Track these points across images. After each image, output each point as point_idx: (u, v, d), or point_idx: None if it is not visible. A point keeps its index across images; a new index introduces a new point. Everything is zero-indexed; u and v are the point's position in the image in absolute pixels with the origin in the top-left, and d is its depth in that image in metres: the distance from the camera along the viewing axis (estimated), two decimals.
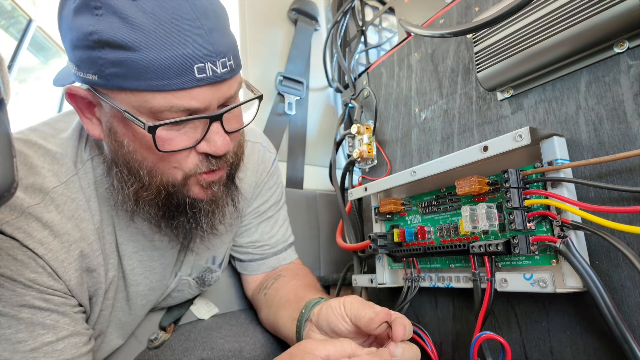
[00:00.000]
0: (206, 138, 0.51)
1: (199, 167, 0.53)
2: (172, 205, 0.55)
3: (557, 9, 0.49)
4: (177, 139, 0.49)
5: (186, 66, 0.45)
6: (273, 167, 0.82)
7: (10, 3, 1.25)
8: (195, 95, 0.47)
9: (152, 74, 0.44)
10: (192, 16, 0.46)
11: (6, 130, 0.31)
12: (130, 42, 0.43)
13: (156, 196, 0.53)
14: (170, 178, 0.53)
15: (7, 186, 0.30)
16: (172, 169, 0.52)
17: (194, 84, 0.46)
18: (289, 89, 1.16)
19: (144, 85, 0.45)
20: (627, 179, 0.44)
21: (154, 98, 0.46)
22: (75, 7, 0.45)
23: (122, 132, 0.51)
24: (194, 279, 0.74)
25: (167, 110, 0.47)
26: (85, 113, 0.53)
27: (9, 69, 1.61)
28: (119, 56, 0.44)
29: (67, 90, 0.51)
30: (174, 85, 0.45)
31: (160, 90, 0.45)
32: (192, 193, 0.55)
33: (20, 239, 0.48)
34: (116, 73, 0.45)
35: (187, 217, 0.57)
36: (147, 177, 0.52)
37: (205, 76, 0.47)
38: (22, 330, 0.47)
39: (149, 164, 0.52)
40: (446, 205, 0.62)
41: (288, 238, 0.84)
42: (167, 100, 0.46)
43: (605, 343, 0.45)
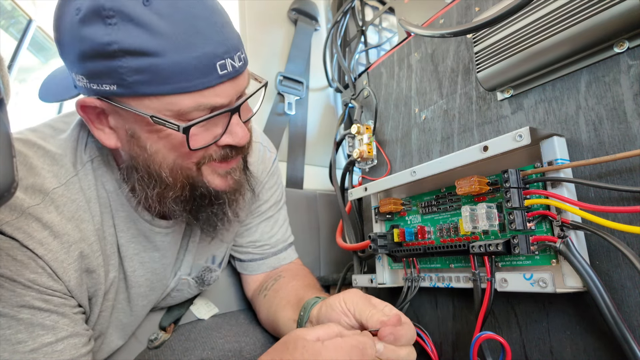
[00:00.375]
0: (228, 131, 0.52)
1: (214, 155, 0.54)
2: (197, 197, 0.56)
3: (557, 9, 0.49)
4: (201, 135, 0.51)
5: (210, 65, 0.46)
6: (273, 167, 0.82)
7: (10, 3, 1.25)
8: (220, 92, 0.48)
9: (179, 76, 0.45)
10: (205, 14, 0.46)
11: (6, 130, 0.31)
12: (152, 48, 0.43)
13: (182, 193, 0.54)
14: (189, 172, 0.54)
15: (7, 186, 0.30)
16: (190, 163, 0.53)
17: (218, 80, 0.47)
18: (289, 89, 1.16)
19: (171, 88, 0.45)
20: (627, 179, 0.44)
21: (180, 100, 0.46)
22: (81, 17, 0.44)
23: (145, 136, 0.51)
24: (194, 279, 0.74)
25: (195, 110, 0.48)
26: (96, 124, 0.53)
27: (9, 69, 1.61)
28: (143, 63, 0.44)
29: (79, 103, 0.50)
30: (201, 84, 0.46)
31: (187, 91, 0.46)
32: (213, 184, 0.56)
33: (20, 239, 0.48)
34: (140, 80, 0.45)
35: (214, 208, 0.58)
36: (170, 177, 0.53)
37: (227, 72, 0.48)
38: (21, 330, 0.47)
39: (170, 162, 0.52)
40: (446, 205, 0.62)
41: (288, 238, 0.85)
42: (195, 100, 0.47)
43: (605, 343, 0.45)
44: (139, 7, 0.43)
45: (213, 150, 0.53)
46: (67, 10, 0.46)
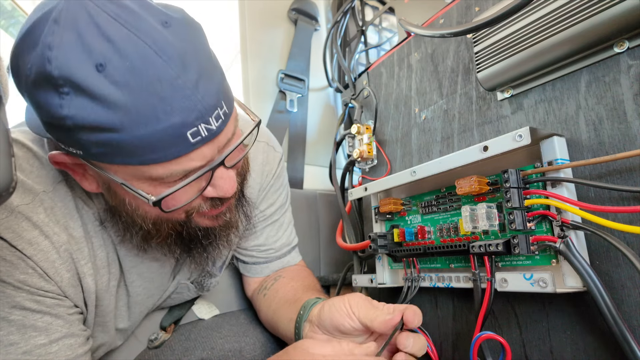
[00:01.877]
0: (212, 184, 0.49)
1: (203, 207, 0.52)
2: (186, 240, 0.55)
3: (557, 9, 0.48)
4: (181, 194, 0.47)
5: (178, 135, 0.41)
6: (279, 168, 0.80)
7: (10, 3, 1.25)
8: (195, 156, 0.44)
9: (143, 150, 0.40)
10: (171, 75, 0.39)
11: (5, 129, 0.31)
12: (110, 124, 0.38)
13: (167, 238, 0.53)
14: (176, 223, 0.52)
15: (6, 185, 0.30)
16: (177, 216, 0.52)
17: (190, 149, 0.42)
18: (291, 86, 1.16)
19: (137, 160, 0.41)
20: (627, 179, 0.44)
21: (151, 169, 0.43)
22: (33, 80, 0.39)
23: (122, 193, 0.49)
24: (193, 283, 0.74)
25: (169, 176, 0.44)
26: (77, 171, 0.50)
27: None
28: (101, 138, 0.39)
29: (51, 159, 0.47)
30: (170, 155, 0.42)
31: (156, 162, 0.42)
32: (203, 224, 0.55)
33: (9, 239, 0.47)
34: (103, 152, 0.41)
35: (203, 246, 0.56)
36: (154, 229, 0.52)
37: (200, 138, 0.43)
38: (13, 332, 0.46)
39: (152, 216, 0.51)
40: (446, 205, 0.62)
41: (292, 240, 0.84)
42: (166, 169, 0.43)
43: (605, 343, 0.45)
44: (91, 74, 0.37)
45: (198, 203, 0.51)
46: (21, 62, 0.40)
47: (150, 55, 0.38)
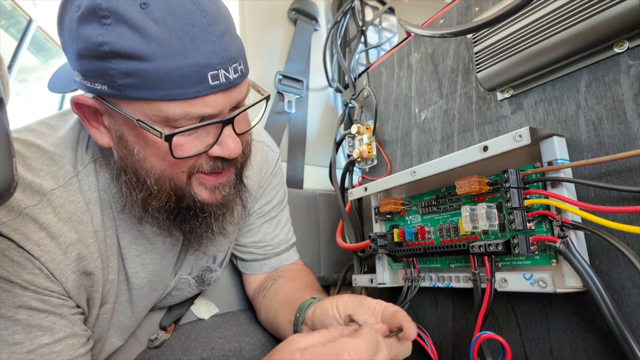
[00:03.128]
0: (219, 142, 0.51)
1: (204, 166, 0.53)
2: (183, 209, 0.55)
3: (557, 9, 0.49)
4: (189, 145, 0.49)
5: (200, 74, 0.45)
6: (276, 167, 0.82)
7: (10, 3, 1.25)
8: (209, 102, 0.47)
9: (167, 83, 0.44)
10: (203, 22, 0.45)
11: (6, 130, 0.31)
12: (143, 53, 0.42)
13: (166, 203, 0.53)
14: (177, 182, 0.53)
15: (7, 186, 0.30)
16: (181, 173, 0.52)
17: (208, 91, 0.46)
18: (289, 88, 1.16)
19: (159, 94, 0.44)
20: (627, 179, 0.44)
21: (168, 107, 0.46)
22: (79, 15, 0.43)
23: (132, 140, 0.50)
24: (194, 278, 0.74)
25: (182, 118, 0.46)
26: (92, 122, 0.53)
27: (9, 69, 1.61)
28: (132, 67, 0.43)
29: (73, 100, 0.50)
30: (189, 94, 0.45)
31: (175, 99, 0.45)
32: (200, 196, 0.55)
33: (17, 240, 0.48)
34: (129, 84, 0.44)
35: (199, 220, 0.56)
36: (155, 186, 0.52)
37: (218, 83, 0.46)
38: (18, 332, 0.47)
39: (157, 171, 0.51)
40: (446, 205, 0.62)
41: (290, 238, 0.85)
42: (182, 109, 0.46)
43: (605, 343, 0.45)
44: (135, 10, 0.42)
45: (204, 160, 0.52)
46: (69, 7, 0.46)
47: (188, 4, 0.45)
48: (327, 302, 0.54)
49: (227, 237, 0.72)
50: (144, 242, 0.63)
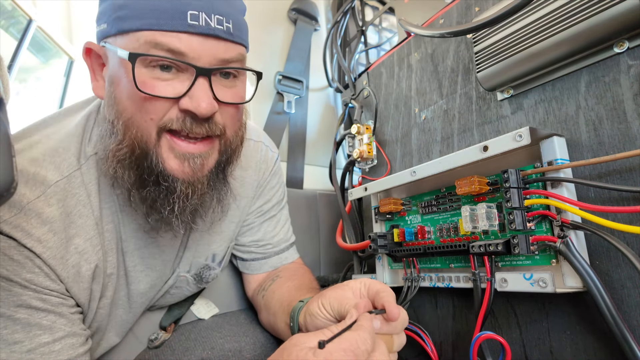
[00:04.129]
0: (190, 93, 0.49)
1: (174, 122, 0.50)
2: (145, 170, 0.52)
3: (557, 9, 0.49)
4: (160, 87, 0.49)
5: (179, 10, 0.47)
6: (275, 166, 0.82)
7: (10, 3, 1.25)
8: (183, 39, 0.48)
9: (148, 13, 0.47)
10: None
11: (6, 130, 0.31)
12: None
13: (130, 154, 0.51)
14: (144, 133, 0.50)
15: (7, 186, 0.30)
16: (149, 121, 0.50)
17: (184, 28, 0.47)
18: (288, 88, 1.16)
19: (139, 24, 0.48)
20: (627, 179, 0.44)
21: (144, 36, 0.48)
22: None
23: (115, 82, 0.51)
24: (192, 276, 0.74)
25: (152, 48, 0.48)
26: (97, 74, 0.56)
27: (9, 69, 1.61)
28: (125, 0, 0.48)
29: (85, 46, 0.54)
30: (166, 25, 0.47)
31: (151, 29, 0.48)
32: (167, 163, 0.52)
33: (18, 238, 0.48)
34: (120, 16, 0.49)
35: (159, 189, 0.53)
36: (122, 129, 0.51)
37: (197, 24, 0.48)
38: (18, 331, 0.47)
39: (127, 114, 0.50)
40: (446, 205, 0.62)
41: (290, 237, 0.85)
42: (154, 37, 0.47)
43: (605, 343, 0.45)
44: None
45: (174, 114, 0.50)
46: None
47: None
48: (313, 305, 0.52)
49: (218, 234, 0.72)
50: (143, 236, 0.63)
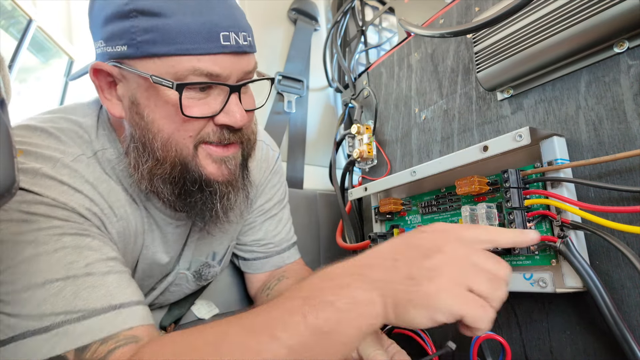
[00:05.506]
0: (225, 109, 0.52)
1: (210, 135, 0.53)
2: (188, 181, 0.55)
3: (557, 9, 0.49)
4: (197, 107, 0.51)
5: (213, 32, 0.48)
6: (276, 165, 0.82)
7: (10, 3, 1.25)
8: (219, 61, 0.49)
9: (182, 38, 0.47)
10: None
11: (7, 130, 0.31)
12: (162, 9, 0.47)
13: (171, 171, 0.53)
14: (184, 150, 0.53)
15: (8, 186, 0.30)
16: (188, 138, 0.52)
17: (219, 50, 0.49)
18: (288, 88, 1.16)
19: (173, 49, 0.47)
20: (627, 179, 0.44)
21: (179, 62, 0.48)
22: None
23: (144, 103, 0.52)
24: (192, 273, 0.74)
25: (192, 74, 0.49)
26: (106, 93, 0.55)
27: (9, 69, 1.61)
28: (151, 23, 0.47)
29: (93, 67, 0.53)
30: (201, 49, 0.48)
31: (188, 54, 0.48)
32: (207, 170, 0.55)
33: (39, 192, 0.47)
34: (147, 39, 0.48)
35: (203, 195, 0.56)
36: (160, 151, 0.52)
37: (229, 44, 0.49)
38: (70, 253, 0.47)
39: (165, 135, 0.52)
40: (446, 205, 0.62)
41: (292, 237, 0.84)
42: (192, 64, 0.48)
43: (605, 343, 0.45)
44: None
45: (210, 129, 0.53)
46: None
47: None
48: None
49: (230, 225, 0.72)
50: (155, 229, 0.63)
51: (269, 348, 0.35)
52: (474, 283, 0.36)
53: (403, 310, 0.36)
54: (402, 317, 0.37)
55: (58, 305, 0.44)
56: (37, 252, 0.45)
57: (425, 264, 0.37)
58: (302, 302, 0.37)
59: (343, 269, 0.40)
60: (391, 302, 0.37)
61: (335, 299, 0.37)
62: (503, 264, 0.39)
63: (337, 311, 0.36)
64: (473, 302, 0.36)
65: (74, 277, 0.46)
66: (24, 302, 0.43)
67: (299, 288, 0.40)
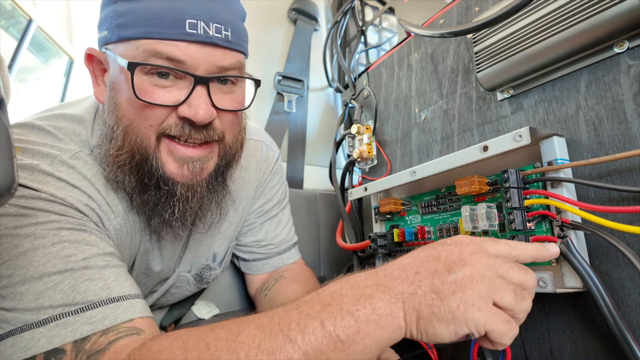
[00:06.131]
0: (188, 101, 0.50)
1: (172, 128, 0.51)
2: (146, 174, 0.53)
3: (557, 9, 0.49)
4: (159, 94, 0.49)
5: (178, 18, 0.48)
6: (276, 165, 0.82)
7: (10, 3, 1.25)
8: (181, 47, 0.48)
9: (147, 21, 0.47)
10: None
11: (6, 130, 0.31)
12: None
13: (130, 160, 0.52)
14: (144, 139, 0.51)
15: (7, 186, 0.30)
16: (148, 127, 0.51)
17: (183, 37, 0.48)
18: (289, 88, 1.16)
19: (139, 32, 0.48)
20: (627, 179, 0.44)
21: (143, 44, 0.48)
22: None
23: (116, 87, 0.52)
24: (193, 276, 0.74)
25: (151, 56, 0.48)
26: (98, 80, 0.56)
27: (9, 69, 1.61)
28: (125, 7, 0.48)
29: (86, 52, 0.55)
30: (165, 34, 0.47)
31: (151, 37, 0.48)
32: (166, 167, 0.53)
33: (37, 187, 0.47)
34: (120, 23, 0.49)
35: (160, 193, 0.54)
36: (120, 136, 0.51)
37: (195, 32, 0.48)
38: (67, 247, 0.46)
39: (127, 120, 0.51)
40: (446, 205, 0.62)
41: (292, 238, 0.84)
42: (153, 46, 0.48)
43: (605, 343, 0.45)
44: None
45: (173, 120, 0.51)
46: None
47: None
48: None
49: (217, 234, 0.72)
50: (150, 232, 0.63)
51: (283, 349, 0.35)
52: (499, 296, 0.36)
53: (426, 324, 0.36)
54: (425, 331, 0.36)
55: (56, 298, 0.43)
56: (35, 246, 0.45)
57: (450, 278, 0.36)
58: (321, 308, 0.37)
59: (366, 279, 0.39)
60: (414, 316, 0.36)
61: (355, 309, 0.36)
62: (529, 274, 0.38)
63: (357, 321, 0.35)
64: (499, 317, 0.36)
65: (71, 270, 0.45)
66: (20, 295, 0.43)
67: (318, 294, 0.39)
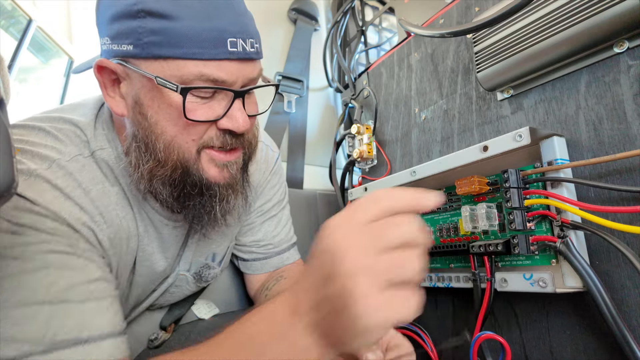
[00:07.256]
0: (228, 114, 0.52)
1: (214, 140, 0.53)
2: (188, 184, 0.55)
3: (557, 9, 0.49)
4: (201, 111, 0.51)
5: (220, 38, 0.48)
6: (276, 165, 0.82)
7: (10, 3, 1.25)
8: (224, 67, 0.49)
9: (189, 42, 0.47)
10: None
11: (6, 130, 0.31)
12: (171, 12, 0.47)
13: (172, 174, 0.53)
14: (186, 153, 0.53)
15: (7, 186, 0.30)
16: (190, 142, 0.53)
17: (226, 56, 0.49)
18: (288, 88, 1.16)
19: (179, 53, 0.47)
20: (627, 179, 0.44)
21: (185, 66, 0.48)
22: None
23: (147, 103, 0.51)
24: (192, 275, 0.74)
25: (197, 79, 0.49)
26: (109, 90, 0.55)
27: (9, 69, 1.61)
28: (159, 24, 0.47)
29: (97, 63, 0.53)
30: (208, 54, 0.48)
31: (194, 58, 0.48)
32: (208, 173, 0.55)
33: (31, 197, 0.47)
34: (153, 41, 0.48)
35: (202, 199, 0.56)
36: (163, 153, 0.52)
37: (236, 50, 0.49)
38: (52, 273, 0.46)
39: (167, 137, 0.52)
40: (446, 205, 0.62)
41: (291, 238, 0.84)
42: (198, 69, 0.48)
43: (605, 343, 0.45)
44: None
45: (213, 133, 0.53)
46: None
47: None
48: None
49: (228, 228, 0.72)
50: (152, 230, 0.63)
51: None
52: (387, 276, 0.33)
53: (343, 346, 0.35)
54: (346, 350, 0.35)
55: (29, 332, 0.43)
56: (21, 270, 0.45)
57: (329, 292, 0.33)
58: None
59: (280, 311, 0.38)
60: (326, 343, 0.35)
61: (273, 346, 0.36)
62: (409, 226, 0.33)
63: None
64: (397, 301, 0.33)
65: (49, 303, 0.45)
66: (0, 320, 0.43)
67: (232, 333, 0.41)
